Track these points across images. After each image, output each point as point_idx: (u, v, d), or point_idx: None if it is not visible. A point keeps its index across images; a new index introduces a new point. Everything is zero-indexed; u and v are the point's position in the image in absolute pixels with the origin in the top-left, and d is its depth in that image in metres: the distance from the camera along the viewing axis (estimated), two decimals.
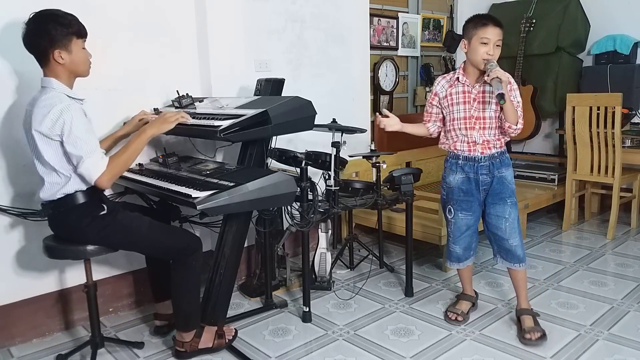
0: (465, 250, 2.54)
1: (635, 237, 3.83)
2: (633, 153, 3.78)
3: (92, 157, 1.94)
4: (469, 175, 2.42)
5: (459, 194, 2.46)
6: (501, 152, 2.40)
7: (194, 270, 2.22)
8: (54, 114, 1.90)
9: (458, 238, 2.52)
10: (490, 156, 2.37)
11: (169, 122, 2.19)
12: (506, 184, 2.39)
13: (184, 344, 2.28)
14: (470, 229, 2.49)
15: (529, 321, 2.42)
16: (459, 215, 2.48)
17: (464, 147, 2.40)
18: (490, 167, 2.38)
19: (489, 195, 2.42)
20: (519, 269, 2.45)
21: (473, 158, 2.39)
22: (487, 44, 2.26)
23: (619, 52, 4.26)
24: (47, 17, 1.97)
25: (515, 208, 2.41)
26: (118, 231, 2.11)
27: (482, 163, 2.38)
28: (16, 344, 2.49)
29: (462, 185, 2.45)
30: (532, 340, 2.34)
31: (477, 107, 2.34)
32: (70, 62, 2.01)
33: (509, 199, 2.39)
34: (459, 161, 2.44)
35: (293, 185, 2.16)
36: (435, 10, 4.70)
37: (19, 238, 2.47)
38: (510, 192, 2.40)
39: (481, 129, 2.35)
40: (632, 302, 2.75)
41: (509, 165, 2.42)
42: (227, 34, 2.97)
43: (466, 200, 2.45)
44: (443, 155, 4.46)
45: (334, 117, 2.93)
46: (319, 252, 2.98)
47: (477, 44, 2.27)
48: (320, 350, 2.38)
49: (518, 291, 2.51)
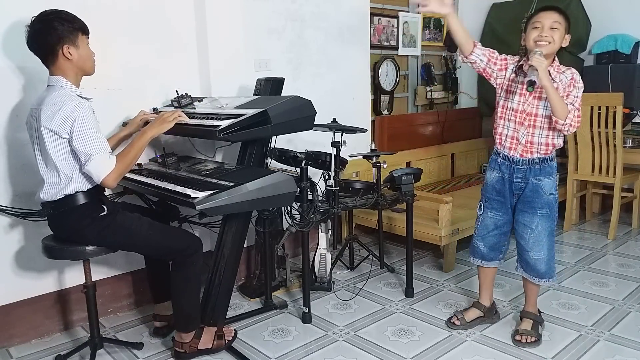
0: (491, 250, 2.46)
1: (636, 238, 3.82)
2: (634, 153, 3.77)
3: (101, 155, 1.95)
4: (504, 175, 2.33)
5: (492, 192, 2.40)
6: (544, 158, 2.26)
7: (194, 270, 2.21)
8: (64, 112, 1.91)
9: (483, 236, 2.46)
10: (529, 160, 2.26)
11: (168, 122, 2.19)
12: (541, 194, 2.27)
13: (184, 345, 2.27)
14: (499, 229, 2.41)
15: (527, 324, 2.41)
16: (488, 213, 2.42)
17: (506, 143, 2.30)
18: (527, 172, 2.27)
19: (519, 201, 2.33)
20: (537, 283, 2.38)
21: (511, 159, 2.29)
22: (539, 27, 2.15)
23: (620, 52, 4.25)
24: (52, 15, 1.99)
25: (546, 220, 2.29)
26: (118, 232, 2.10)
27: (519, 166, 2.28)
28: (15, 345, 2.48)
29: (496, 184, 2.38)
30: (522, 342, 2.34)
31: (532, 103, 2.23)
32: (79, 58, 2.03)
33: (540, 209, 2.28)
34: (498, 159, 2.36)
35: (293, 185, 2.16)
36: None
37: (18, 238, 2.46)
38: (543, 202, 2.28)
39: (530, 127, 2.24)
40: (634, 303, 2.74)
41: (550, 175, 2.28)
42: (227, 33, 2.96)
43: (497, 200, 2.38)
44: (443, 155, 4.54)
45: (334, 117, 2.92)
46: (319, 252, 2.97)
47: (530, 30, 2.19)
48: (320, 351, 2.37)
49: (527, 296, 2.47)
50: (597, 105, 3.63)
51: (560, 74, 2.22)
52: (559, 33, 2.16)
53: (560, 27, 2.17)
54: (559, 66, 2.24)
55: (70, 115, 1.91)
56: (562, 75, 2.21)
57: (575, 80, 2.20)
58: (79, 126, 1.91)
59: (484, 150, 4.97)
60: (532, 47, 2.17)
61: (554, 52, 2.20)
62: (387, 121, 4.23)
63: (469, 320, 2.54)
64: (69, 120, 1.91)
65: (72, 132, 1.92)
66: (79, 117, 1.91)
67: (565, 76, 2.20)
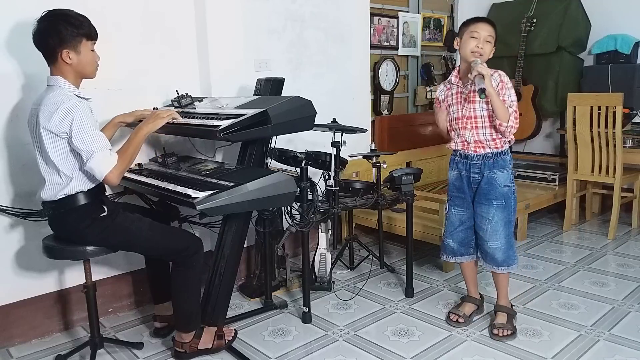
0: (461, 246, 2.54)
1: (636, 238, 3.82)
2: (634, 153, 3.77)
3: (103, 152, 1.95)
4: (461, 172, 2.45)
5: (453, 189, 2.52)
6: (497, 152, 2.37)
7: (194, 270, 2.21)
8: (62, 111, 1.91)
9: (451, 232, 2.55)
10: (483, 155, 2.38)
11: (161, 118, 2.19)
12: (495, 186, 2.37)
13: (184, 345, 2.27)
14: (464, 224, 2.50)
15: (502, 317, 2.48)
16: (452, 210, 2.53)
17: (459, 146, 2.43)
18: (482, 167, 2.38)
19: (476, 194, 2.44)
20: (497, 271, 2.46)
21: (466, 156, 2.42)
22: (477, 38, 2.30)
23: (620, 52, 4.25)
24: (59, 17, 1.98)
25: (501, 211, 2.38)
26: (118, 232, 2.10)
27: (474, 162, 2.40)
28: (15, 345, 2.48)
29: (455, 181, 2.50)
30: (499, 336, 2.41)
31: (468, 107, 2.36)
32: (78, 63, 2.02)
33: (495, 200, 2.38)
34: (456, 158, 2.48)
35: (293, 185, 2.16)
36: (436, 9, 4.70)
37: (19, 238, 2.46)
38: (498, 194, 2.37)
39: (473, 129, 2.36)
40: (633, 303, 2.74)
41: (504, 168, 2.38)
42: (227, 33, 2.96)
43: (458, 197, 2.49)
44: (443, 155, 4.54)
45: (334, 117, 2.92)
46: (319, 252, 2.97)
47: (467, 38, 2.33)
48: (320, 351, 2.37)
49: (497, 289, 2.55)
50: (596, 105, 3.63)
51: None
52: (490, 46, 2.33)
53: (492, 40, 2.34)
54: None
55: (68, 115, 1.91)
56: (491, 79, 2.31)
57: (504, 82, 2.30)
58: (77, 125, 1.91)
59: None
60: (467, 55, 2.32)
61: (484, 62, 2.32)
62: (387, 121, 4.23)
63: (468, 314, 2.60)
64: (66, 119, 1.91)
65: (71, 132, 1.92)
66: (77, 116, 1.91)
67: (494, 79, 2.28)
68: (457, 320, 2.57)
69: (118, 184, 2.07)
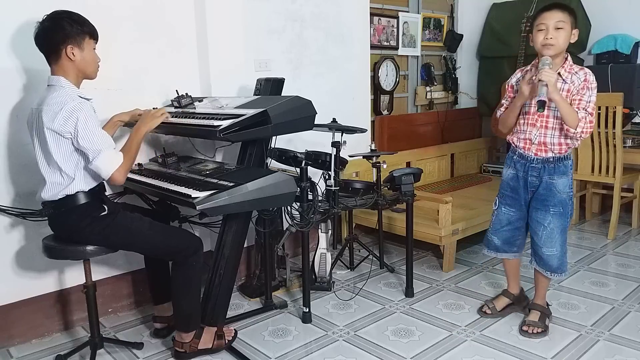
0: (505, 244, 2.50)
1: (636, 238, 3.82)
2: (634, 153, 3.77)
3: (109, 150, 1.98)
4: (518, 173, 2.36)
5: (507, 188, 2.43)
6: (559, 157, 2.26)
7: (194, 270, 2.21)
8: (66, 112, 1.92)
9: (497, 230, 2.50)
10: (544, 159, 2.27)
11: (156, 117, 2.22)
12: (554, 192, 2.28)
13: (184, 345, 2.27)
14: (511, 224, 2.45)
15: (534, 315, 2.46)
16: (502, 209, 2.46)
17: (520, 144, 2.32)
18: (541, 171, 2.29)
19: (533, 198, 2.35)
20: (549, 277, 2.43)
21: (526, 157, 2.31)
22: (544, 29, 2.13)
23: (619, 52, 4.25)
24: (63, 15, 2.01)
25: (558, 217, 2.30)
26: (118, 232, 2.11)
27: (534, 165, 2.29)
28: (15, 345, 2.48)
29: (510, 181, 2.40)
30: (529, 333, 2.39)
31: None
32: (81, 60, 2.03)
33: (553, 207, 2.30)
34: (514, 157, 2.38)
35: (293, 185, 2.16)
36: (436, 9, 4.70)
37: (19, 238, 2.46)
38: (557, 201, 2.29)
39: (542, 128, 2.24)
40: (633, 303, 2.74)
41: (564, 174, 2.28)
42: (227, 33, 2.96)
43: (511, 197, 2.42)
44: (443, 155, 4.54)
45: (334, 117, 2.92)
46: (319, 252, 2.97)
47: (535, 32, 2.17)
48: (320, 351, 2.37)
49: (537, 289, 2.53)
50: (596, 105, 3.62)
51: (573, 74, 2.19)
52: (564, 33, 2.13)
53: (566, 25, 2.13)
54: (571, 66, 2.21)
55: (72, 115, 1.92)
56: (574, 76, 2.18)
57: (588, 82, 2.17)
58: (82, 125, 1.93)
59: (483, 150, 4.97)
60: (540, 50, 2.16)
61: (562, 51, 2.18)
62: (387, 121, 4.24)
63: (499, 309, 2.60)
64: (71, 119, 1.92)
65: (76, 132, 1.93)
66: (81, 116, 1.92)
67: (578, 77, 2.17)
68: (486, 311, 2.59)
69: (123, 182, 2.07)
